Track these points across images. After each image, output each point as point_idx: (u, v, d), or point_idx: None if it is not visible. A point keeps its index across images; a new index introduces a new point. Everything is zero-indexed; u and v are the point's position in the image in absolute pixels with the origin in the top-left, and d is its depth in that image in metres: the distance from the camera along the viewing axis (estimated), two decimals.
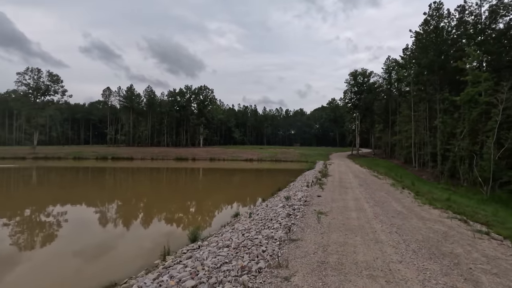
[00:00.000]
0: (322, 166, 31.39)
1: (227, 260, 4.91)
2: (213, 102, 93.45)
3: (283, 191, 15.23)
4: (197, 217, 12.47)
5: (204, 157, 54.93)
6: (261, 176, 32.64)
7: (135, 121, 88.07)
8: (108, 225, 11.23)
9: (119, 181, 26.52)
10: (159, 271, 4.95)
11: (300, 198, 11.36)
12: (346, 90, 57.35)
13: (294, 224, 7.43)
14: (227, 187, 23.24)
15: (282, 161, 52.00)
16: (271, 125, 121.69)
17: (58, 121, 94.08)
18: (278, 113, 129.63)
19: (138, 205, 15.61)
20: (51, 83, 63.30)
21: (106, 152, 57.01)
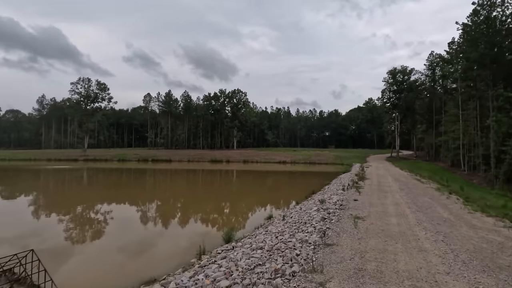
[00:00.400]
0: (359, 168, 30.16)
1: (261, 262, 4.91)
2: (246, 105, 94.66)
3: (317, 194, 14.89)
4: (230, 218, 12.67)
5: (238, 159, 55.77)
6: (294, 178, 32.26)
7: (173, 125, 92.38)
8: (148, 223, 11.86)
9: (158, 182, 27.94)
10: (195, 269, 5.11)
11: (335, 201, 11.02)
12: (384, 89, 54.54)
13: (329, 229, 7.22)
14: (260, 189, 23.32)
15: (316, 163, 50.92)
16: (304, 127, 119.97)
17: (105, 126, 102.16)
18: (312, 114, 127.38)
19: (175, 205, 16.30)
20: (99, 91, 68.91)
21: (147, 154, 60.55)
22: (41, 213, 13.44)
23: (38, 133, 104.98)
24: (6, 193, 19.95)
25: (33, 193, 19.48)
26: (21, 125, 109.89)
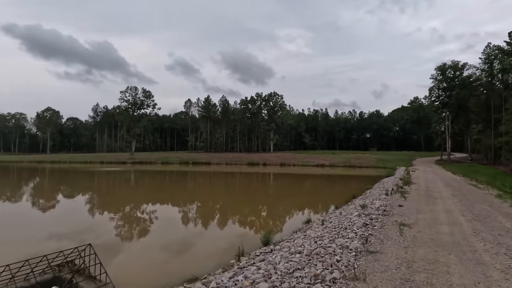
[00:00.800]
0: (404, 172, 28.27)
1: (300, 267, 4.84)
2: (283, 107, 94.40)
3: (358, 199, 14.27)
4: (268, 221, 12.68)
5: (275, 162, 55.71)
6: (333, 182, 31.29)
7: (211, 129, 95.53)
8: (189, 224, 12.36)
9: (198, 184, 29.02)
10: (234, 270, 5.20)
11: (378, 207, 10.45)
12: (432, 86, 50.49)
13: (371, 235, 6.86)
14: (297, 192, 23.02)
15: (357, 167, 48.85)
16: (343, 128, 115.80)
17: (150, 131, 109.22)
18: (351, 115, 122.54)
19: (214, 207, 16.78)
20: (145, 98, 73.95)
21: (188, 157, 63.35)
22: (95, 211, 14.75)
23: (93, 138, 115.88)
24: (67, 192, 22.28)
25: (88, 193, 21.46)
26: (79, 131, 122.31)
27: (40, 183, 28.96)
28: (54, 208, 15.70)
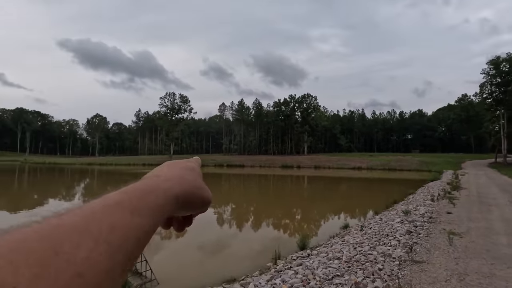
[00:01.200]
0: (452, 176, 26.13)
1: (339, 273, 4.70)
2: (317, 109, 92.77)
3: (400, 204, 13.48)
4: (303, 225, 12.50)
5: (309, 165, 54.80)
6: (371, 186, 29.91)
7: (245, 132, 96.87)
8: (224, 225, 12.62)
9: (233, 186, 29.55)
10: (271, 273, 5.21)
11: (423, 213, 9.79)
12: (484, 82, 46.13)
13: (416, 243, 6.44)
14: (333, 196, 22.38)
15: (397, 170, 46.21)
16: (382, 129, 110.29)
17: (187, 134, 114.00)
18: (391, 116, 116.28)
19: (248, 209, 16.95)
20: (182, 103, 77.46)
21: (222, 160, 64.87)
22: None
23: (136, 142, 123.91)
24: None
25: None
26: (123, 135, 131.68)
27: (89, 184, 31.62)
28: None
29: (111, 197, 0.29)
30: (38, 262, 0.20)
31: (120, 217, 0.27)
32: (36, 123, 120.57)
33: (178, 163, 0.46)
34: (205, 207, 0.44)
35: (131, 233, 0.27)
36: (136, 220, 0.28)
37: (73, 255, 0.22)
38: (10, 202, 17.49)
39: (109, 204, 0.28)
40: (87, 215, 0.25)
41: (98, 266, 0.23)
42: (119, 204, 0.28)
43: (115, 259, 0.25)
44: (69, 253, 0.22)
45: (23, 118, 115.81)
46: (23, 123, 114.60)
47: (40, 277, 0.19)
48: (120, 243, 0.26)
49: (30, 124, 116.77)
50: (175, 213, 0.37)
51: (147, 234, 0.29)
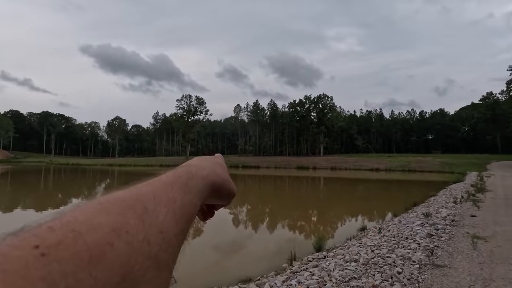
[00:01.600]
0: (476, 178, 25.03)
1: (356, 276, 4.62)
2: (333, 109, 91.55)
3: (420, 207, 13.05)
4: (318, 227, 12.35)
5: (325, 166, 54.10)
6: (389, 187, 29.13)
7: (260, 133, 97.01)
8: (239, 225, 12.68)
9: (248, 187, 29.64)
10: (287, 274, 5.19)
11: (444, 216, 9.44)
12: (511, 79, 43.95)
13: (438, 247, 6.22)
14: (350, 197, 21.98)
15: (417, 171, 44.77)
16: (401, 130, 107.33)
17: (203, 135, 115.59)
18: (410, 115, 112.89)
19: (263, 210, 16.95)
20: (198, 105, 78.70)
21: (238, 161, 65.21)
22: None
23: (153, 143, 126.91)
24: None
25: None
26: (141, 137, 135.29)
27: (110, 184, 32.68)
28: None
29: (166, 177, 0.34)
30: (136, 215, 0.24)
31: (177, 193, 0.31)
32: (60, 126, 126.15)
33: (207, 158, 0.50)
34: (230, 199, 0.48)
35: (186, 208, 0.31)
36: (188, 197, 0.33)
37: (155, 214, 0.26)
38: (37, 201, 18.38)
39: (166, 182, 0.32)
40: (155, 188, 0.30)
41: (170, 228, 0.27)
42: (174, 183, 0.33)
43: (178, 226, 0.29)
44: (153, 211, 0.26)
45: (48, 121, 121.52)
46: (49, 126, 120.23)
47: (140, 225, 0.24)
48: (181, 213, 0.30)
49: (55, 127, 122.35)
50: (206, 200, 0.41)
51: (195, 211, 0.34)
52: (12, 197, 19.91)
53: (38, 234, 0.19)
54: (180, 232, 0.29)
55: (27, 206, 16.36)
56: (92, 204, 0.23)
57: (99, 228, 0.21)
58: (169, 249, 0.26)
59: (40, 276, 0.16)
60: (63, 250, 0.18)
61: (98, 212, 0.22)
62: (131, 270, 0.21)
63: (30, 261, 0.17)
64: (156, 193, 0.29)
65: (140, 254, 0.23)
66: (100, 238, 0.20)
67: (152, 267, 0.24)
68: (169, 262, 0.27)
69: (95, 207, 0.23)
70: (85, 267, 0.18)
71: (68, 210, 0.22)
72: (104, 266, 0.19)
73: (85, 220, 0.21)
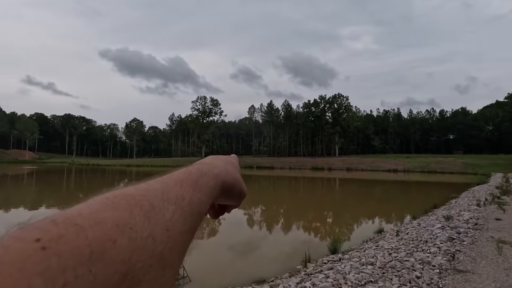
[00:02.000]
0: (502, 180, 23.90)
1: (372, 279, 4.51)
2: (348, 109, 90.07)
3: (440, 209, 12.60)
4: (334, 229, 12.15)
5: (340, 167, 53.27)
6: (408, 189, 28.30)
7: (274, 134, 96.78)
8: (254, 226, 12.67)
9: (262, 188, 29.62)
10: (301, 276, 5.13)
11: (467, 219, 9.06)
12: None
13: (459, 251, 5.97)
14: (366, 199, 21.52)
15: (438, 172, 43.27)
16: (420, 129, 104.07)
17: (217, 136, 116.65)
18: (430, 115, 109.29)
19: (278, 211, 16.87)
20: (213, 107, 79.63)
21: (252, 161, 65.34)
22: None
23: (169, 144, 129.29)
24: None
25: None
26: (158, 138, 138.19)
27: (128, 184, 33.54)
28: None
29: (176, 175, 0.34)
30: (142, 212, 0.24)
31: (186, 190, 0.31)
32: (81, 128, 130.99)
33: (221, 157, 0.50)
34: (240, 199, 0.48)
35: (195, 206, 0.31)
36: (197, 195, 0.32)
37: (162, 212, 0.26)
38: (60, 201, 19.13)
39: (176, 180, 0.32)
40: (164, 185, 0.30)
41: (177, 226, 0.27)
42: (184, 181, 0.32)
43: (186, 224, 0.28)
44: (160, 208, 0.26)
45: (70, 123, 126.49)
46: (71, 128, 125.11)
47: (145, 222, 0.24)
48: (189, 211, 0.30)
49: (76, 128, 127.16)
50: (216, 199, 0.40)
51: (204, 209, 0.34)
52: (38, 196, 20.86)
53: (41, 227, 0.18)
54: (187, 230, 0.29)
55: (52, 204, 17.07)
56: (99, 199, 0.23)
57: (102, 223, 0.21)
58: (175, 247, 0.26)
59: (38, 271, 0.16)
60: (63, 244, 0.18)
61: (104, 207, 0.22)
62: (133, 267, 0.21)
63: (30, 254, 0.16)
64: (165, 190, 0.29)
65: (144, 252, 0.22)
66: (103, 233, 0.20)
67: (156, 266, 0.23)
68: (175, 261, 0.26)
69: (102, 202, 0.23)
70: (85, 262, 0.18)
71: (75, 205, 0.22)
72: (105, 263, 0.19)
73: (89, 214, 0.21)
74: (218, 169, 0.41)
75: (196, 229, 0.32)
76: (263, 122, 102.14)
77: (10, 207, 15.22)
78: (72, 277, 0.17)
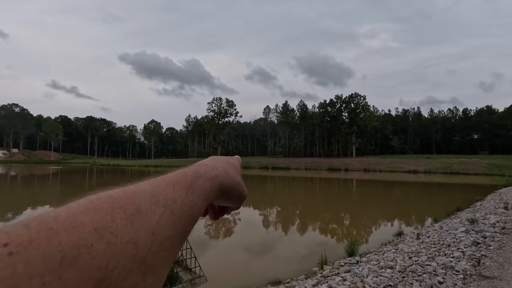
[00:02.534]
0: None
1: (392, 283, 4.38)
2: (366, 109, 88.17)
3: (464, 212, 12.08)
4: (351, 231, 11.91)
5: (358, 168, 52.21)
6: (429, 191, 27.33)
7: (290, 134, 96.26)
8: (269, 227, 12.64)
9: (278, 188, 29.52)
10: (317, 278, 5.07)
11: (493, 223, 8.63)
12: None
13: (485, 256, 5.70)
14: (385, 201, 20.96)
15: (461, 173, 41.53)
16: (441, 129, 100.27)
17: (233, 137, 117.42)
18: (452, 113, 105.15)
19: (293, 212, 16.75)
20: (228, 108, 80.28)
21: (267, 162, 65.31)
22: None
23: (186, 145, 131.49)
24: None
25: None
26: (175, 139, 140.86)
27: None
28: None
29: (170, 176, 0.33)
30: (125, 215, 0.23)
31: (179, 193, 0.30)
32: (102, 129, 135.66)
33: (222, 158, 0.50)
34: (240, 202, 0.47)
35: (187, 209, 0.30)
36: (191, 198, 0.31)
37: (149, 215, 0.25)
38: None
39: (169, 181, 0.31)
40: (155, 187, 0.29)
41: (165, 230, 0.26)
42: (177, 183, 0.32)
43: (176, 227, 0.28)
44: (147, 212, 0.25)
45: (92, 125, 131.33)
46: (92, 130, 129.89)
47: (128, 226, 0.23)
48: (180, 214, 0.29)
49: (98, 130, 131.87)
50: (215, 201, 0.40)
51: (198, 213, 0.33)
52: (65, 194, 21.80)
53: (12, 231, 0.17)
54: (177, 234, 0.28)
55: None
56: (82, 202, 0.23)
57: (79, 227, 0.20)
58: (160, 252, 0.25)
59: (1, 277, 0.15)
60: (33, 249, 0.17)
61: (85, 210, 0.21)
62: (110, 273, 0.20)
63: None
64: (155, 192, 0.28)
65: (123, 257, 0.21)
66: (78, 238, 0.19)
67: (136, 271, 0.22)
68: (159, 266, 0.25)
69: (84, 205, 0.22)
70: (55, 269, 0.17)
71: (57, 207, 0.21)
72: (77, 269, 0.18)
73: (66, 218, 0.20)
74: (216, 171, 0.40)
75: (189, 232, 0.31)
76: (278, 122, 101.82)
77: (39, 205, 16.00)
78: (38, 285, 0.16)
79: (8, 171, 47.84)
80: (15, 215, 13.10)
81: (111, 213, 0.23)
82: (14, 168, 57.35)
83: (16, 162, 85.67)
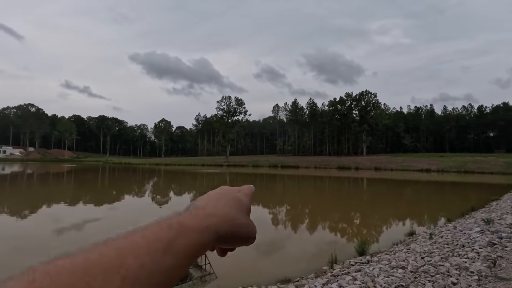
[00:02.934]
0: None
1: (403, 284, 4.31)
2: (377, 106, 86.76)
3: (479, 212, 11.79)
4: (361, 230, 11.78)
5: (368, 167, 51.55)
6: (442, 190, 26.75)
7: (299, 132, 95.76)
8: (278, 226, 12.63)
9: (287, 187, 29.45)
10: (327, 277, 5.04)
11: (510, 223, 8.38)
12: None
13: (501, 257, 5.54)
14: (396, 200, 20.63)
15: (476, 172, 40.45)
16: (455, 127, 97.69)
17: (242, 136, 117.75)
18: (467, 111, 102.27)
19: (303, 211, 16.68)
20: (237, 106, 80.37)
21: (276, 160, 65.22)
22: None
23: (195, 143, 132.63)
24: (176, 191, 26.10)
25: (192, 192, 24.58)
26: (185, 138, 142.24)
27: (157, 182, 34.95)
28: (167, 203, 18.61)
29: (146, 233, 0.29)
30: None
31: (151, 256, 0.27)
32: (114, 128, 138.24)
33: (227, 194, 0.45)
34: (247, 243, 0.43)
35: (158, 274, 0.27)
36: (168, 260, 0.28)
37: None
38: (95, 197, 20.33)
39: (140, 243, 0.28)
40: (121, 251, 0.26)
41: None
42: (152, 243, 0.28)
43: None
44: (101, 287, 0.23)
45: (104, 124, 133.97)
46: (104, 129, 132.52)
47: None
48: (148, 282, 0.26)
49: (110, 129, 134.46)
50: (213, 248, 0.37)
51: (179, 273, 0.30)
52: (77, 192, 22.36)
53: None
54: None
55: (89, 200, 18.21)
56: (26, 279, 0.21)
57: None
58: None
59: None
60: None
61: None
62: None
63: None
64: (116, 260, 0.25)
65: None
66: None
67: None
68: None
69: (30, 284, 0.20)
70: None
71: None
72: None
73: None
74: (210, 220, 0.35)
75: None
76: (288, 121, 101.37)
77: (54, 202, 16.47)
78: None
79: (25, 169, 49.38)
80: (31, 212, 13.54)
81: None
82: (30, 166, 59.14)
83: (32, 161, 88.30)
